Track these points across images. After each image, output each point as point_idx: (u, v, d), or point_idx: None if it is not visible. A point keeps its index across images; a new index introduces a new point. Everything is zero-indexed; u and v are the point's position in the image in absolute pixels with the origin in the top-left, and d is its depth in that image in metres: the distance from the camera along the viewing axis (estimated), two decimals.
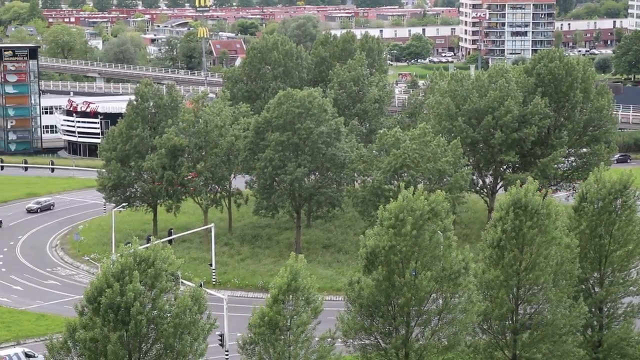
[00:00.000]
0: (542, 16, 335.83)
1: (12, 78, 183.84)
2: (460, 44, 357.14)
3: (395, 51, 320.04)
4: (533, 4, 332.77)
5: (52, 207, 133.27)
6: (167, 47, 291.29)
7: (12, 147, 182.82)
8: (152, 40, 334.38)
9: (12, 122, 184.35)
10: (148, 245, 54.67)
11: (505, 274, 61.81)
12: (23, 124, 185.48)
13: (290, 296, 53.83)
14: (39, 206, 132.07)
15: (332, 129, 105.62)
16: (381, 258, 58.31)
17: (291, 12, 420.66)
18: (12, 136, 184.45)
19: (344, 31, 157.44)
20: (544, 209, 61.49)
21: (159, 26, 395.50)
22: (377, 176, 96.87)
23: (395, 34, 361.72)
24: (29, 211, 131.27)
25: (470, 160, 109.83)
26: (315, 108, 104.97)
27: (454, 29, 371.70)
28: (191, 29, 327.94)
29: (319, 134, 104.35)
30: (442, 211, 59.23)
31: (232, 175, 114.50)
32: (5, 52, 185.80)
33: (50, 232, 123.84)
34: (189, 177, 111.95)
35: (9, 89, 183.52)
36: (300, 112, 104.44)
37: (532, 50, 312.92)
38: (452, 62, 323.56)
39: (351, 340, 60.19)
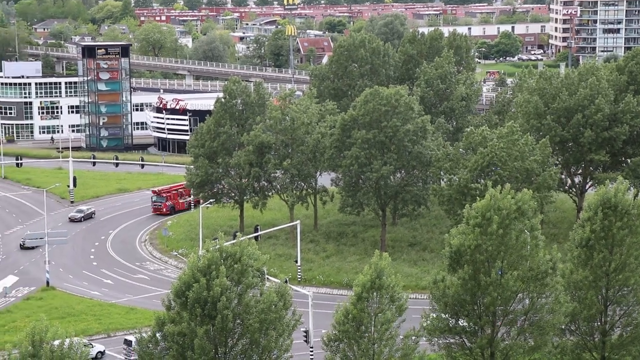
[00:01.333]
0: (636, 12, 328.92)
1: (105, 76, 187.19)
2: (550, 41, 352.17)
3: (483, 49, 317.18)
4: (626, 1, 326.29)
5: (93, 216, 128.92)
6: (255, 45, 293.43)
7: (104, 144, 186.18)
8: (241, 38, 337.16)
9: (104, 119, 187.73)
10: (234, 241, 55.18)
11: (594, 275, 60.85)
12: (114, 121, 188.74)
13: (375, 294, 53.82)
14: (82, 215, 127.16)
15: (419, 127, 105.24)
16: (467, 257, 57.92)
17: (379, 9, 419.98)
18: (104, 133, 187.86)
19: (431, 29, 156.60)
20: (634, 209, 60.36)
21: (247, 24, 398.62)
22: (464, 175, 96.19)
23: (484, 31, 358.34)
24: (72, 220, 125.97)
25: (559, 159, 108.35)
26: (401, 106, 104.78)
27: (544, 26, 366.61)
28: (279, 27, 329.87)
29: (405, 132, 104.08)
30: (529, 210, 58.57)
31: (318, 173, 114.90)
32: (98, 50, 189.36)
33: (140, 227, 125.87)
34: (275, 173, 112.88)
35: (102, 87, 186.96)
36: (387, 110, 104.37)
37: (624, 47, 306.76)
38: (541, 60, 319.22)
39: (436, 339, 59.92)
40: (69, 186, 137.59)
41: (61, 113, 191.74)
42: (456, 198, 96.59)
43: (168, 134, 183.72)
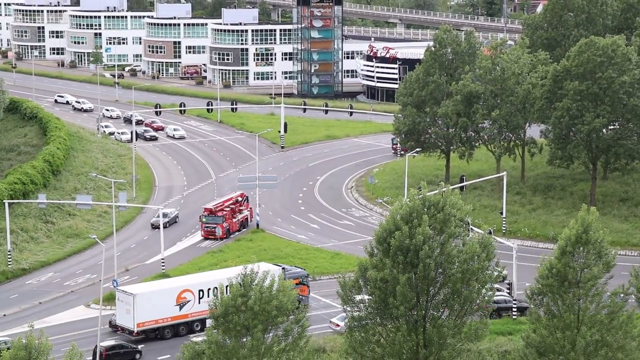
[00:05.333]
0: None
1: (318, 23, 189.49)
2: None
3: None
4: None
5: (177, 220, 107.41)
6: None
7: (315, 91, 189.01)
8: None
9: (315, 67, 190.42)
10: (438, 190, 54.82)
11: None
12: (326, 68, 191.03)
13: (581, 248, 52.38)
14: (167, 220, 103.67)
15: (636, 79, 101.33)
16: None
17: None
18: (315, 80, 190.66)
19: None
20: None
21: None
22: None
23: None
24: (155, 226, 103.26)
25: None
26: (618, 57, 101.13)
27: None
28: None
29: (621, 83, 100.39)
30: None
31: (527, 124, 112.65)
32: None
33: (347, 174, 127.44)
34: (482, 124, 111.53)
35: (314, 34, 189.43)
36: (602, 61, 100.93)
37: None
38: None
39: None
40: (279, 132, 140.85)
41: (275, 60, 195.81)
42: None
43: (377, 82, 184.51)
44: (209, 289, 76.24)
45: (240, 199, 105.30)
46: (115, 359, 70.06)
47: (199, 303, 76.11)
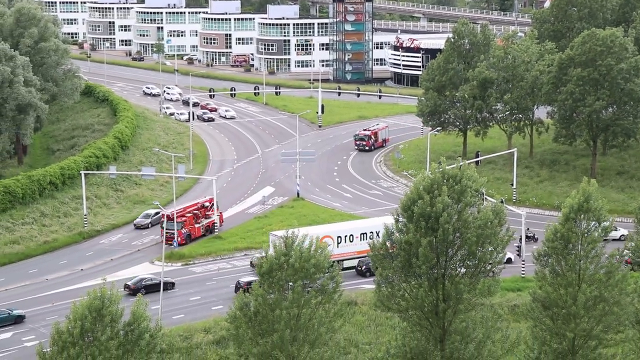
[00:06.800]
0: None
1: (351, 17, 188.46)
2: None
3: None
4: None
5: (161, 220, 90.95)
6: None
7: (348, 77, 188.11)
8: None
9: (349, 55, 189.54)
10: (456, 165, 54.46)
11: None
12: (358, 57, 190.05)
13: (582, 216, 51.85)
14: (150, 220, 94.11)
15: (632, 66, 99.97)
16: None
17: None
18: (348, 67, 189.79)
19: None
20: None
21: None
22: None
23: None
24: (138, 227, 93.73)
25: None
26: (616, 47, 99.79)
27: None
28: None
29: (619, 70, 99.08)
30: None
31: (535, 106, 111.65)
32: None
33: (376, 150, 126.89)
34: (496, 106, 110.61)
35: (348, 27, 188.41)
36: (602, 50, 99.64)
37: None
38: None
39: (639, 259, 57.18)
40: (317, 112, 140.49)
41: (313, 49, 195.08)
42: None
43: (403, 69, 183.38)
44: (345, 236, 79.21)
45: (207, 204, 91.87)
46: None
47: (337, 247, 78.10)
